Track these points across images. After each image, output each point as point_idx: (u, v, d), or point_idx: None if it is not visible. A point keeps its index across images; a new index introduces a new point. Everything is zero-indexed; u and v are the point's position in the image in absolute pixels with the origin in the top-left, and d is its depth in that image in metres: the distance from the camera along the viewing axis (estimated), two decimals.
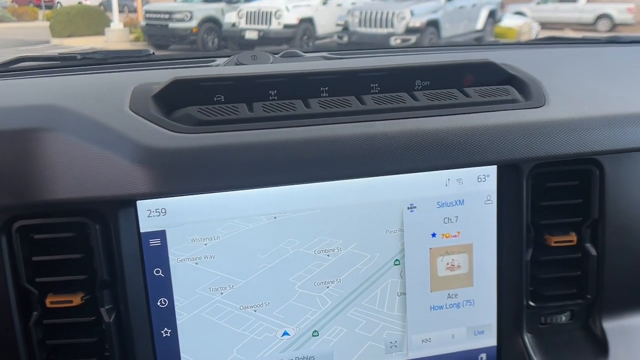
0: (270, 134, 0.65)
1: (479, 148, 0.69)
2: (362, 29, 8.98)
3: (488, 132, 0.69)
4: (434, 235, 0.74)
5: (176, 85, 0.68)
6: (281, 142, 0.64)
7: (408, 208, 0.72)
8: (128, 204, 0.64)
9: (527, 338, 0.77)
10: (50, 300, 0.64)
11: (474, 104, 0.72)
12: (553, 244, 0.75)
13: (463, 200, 0.73)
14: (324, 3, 10.12)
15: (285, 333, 0.72)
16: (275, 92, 0.72)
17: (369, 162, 0.66)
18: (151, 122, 0.64)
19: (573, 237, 0.76)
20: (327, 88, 0.73)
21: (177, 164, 0.62)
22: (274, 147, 0.64)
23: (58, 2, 20.41)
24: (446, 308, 0.76)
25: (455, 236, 0.74)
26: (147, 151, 0.61)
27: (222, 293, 0.69)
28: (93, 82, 0.75)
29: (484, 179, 0.73)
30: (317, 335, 0.72)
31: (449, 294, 0.75)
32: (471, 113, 0.70)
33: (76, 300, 0.64)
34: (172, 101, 0.68)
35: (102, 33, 12.18)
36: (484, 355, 0.78)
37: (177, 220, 0.66)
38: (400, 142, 0.67)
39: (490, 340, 0.78)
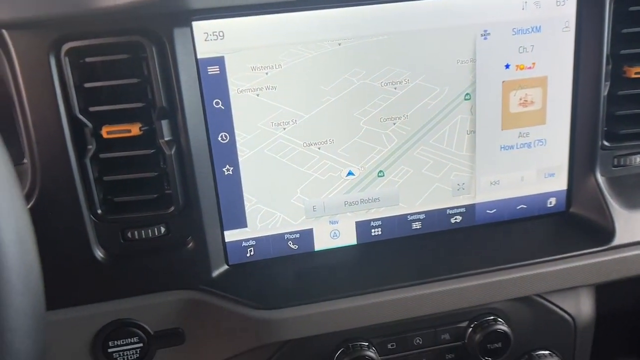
0: None
1: None
2: None
3: None
4: (507, 66, 0.68)
5: None
6: None
7: (481, 35, 0.66)
8: (183, 23, 0.59)
9: (600, 180, 0.73)
10: (107, 131, 0.60)
11: None
12: (633, 76, 0.70)
13: (540, 27, 0.67)
14: None
15: (350, 173, 0.68)
16: None
17: None
18: None
19: None
20: None
21: None
22: None
23: None
24: (517, 148, 0.71)
25: (530, 68, 0.69)
26: None
27: (284, 128, 0.65)
28: None
29: (562, 3, 0.67)
30: (383, 175, 0.69)
31: (520, 133, 0.71)
32: None
33: (134, 129, 0.60)
34: None
35: None
36: (553, 200, 0.75)
37: (236, 45, 0.61)
38: None
39: (560, 183, 0.74)
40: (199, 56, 0.61)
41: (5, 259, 0.36)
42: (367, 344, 0.69)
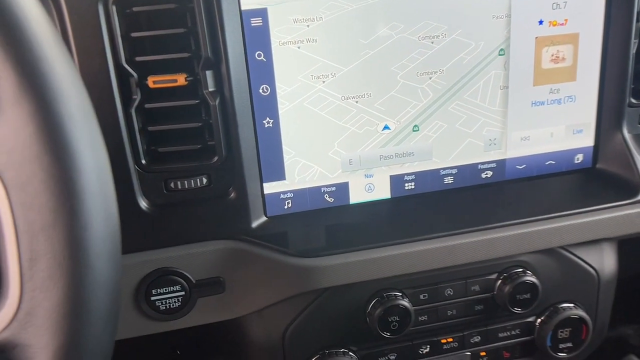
0: None
1: None
2: None
3: None
4: (540, 22, 0.69)
5: None
6: None
7: None
8: None
9: (627, 137, 0.75)
10: (154, 80, 0.61)
11: None
12: None
13: None
14: None
15: (386, 127, 0.69)
16: None
17: None
18: None
19: None
20: None
21: None
22: None
23: None
24: (547, 104, 0.73)
25: (562, 24, 0.70)
26: None
27: (323, 81, 0.66)
28: None
29: None
30: (418, 130, 0.70)
31: (551, 89, 0.73)
32: None
33: (180, 79, 0.61)
34: None
35: None
36: (580, 156, 0.77)
37: None
38: None
39: (587, 139, 0.76)
40: (242, 7, 0.62)
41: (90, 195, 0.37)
42: (400, 294, 0.71)
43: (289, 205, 0.70)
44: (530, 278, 0.72)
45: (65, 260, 0.36)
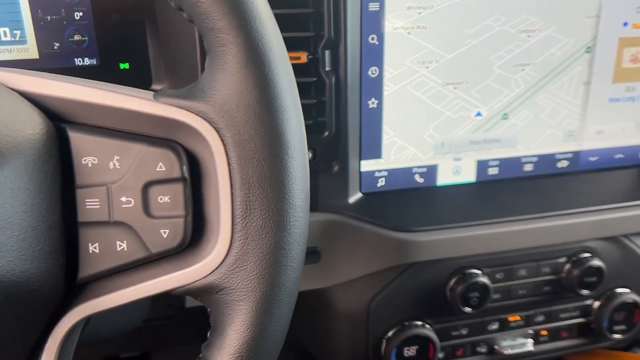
0: None
1: None
2: None
3: None
4: (625, 24, 0.74)
5: None
6: None
7: None
8: None
9: None
10: None
11: None
12: None
13: None
14: None
15: (479, 114, 0.74)
16: None
17: None
18: None
19: None
20: None
21: None
22: None
23: None
24: (623, 101, 0.78)
25: None
26: None
27: (427, 67, 0.70)
28: None
29: None
30: (507, 118, 0.75)
31: (627, 87, 0.77)
32: None
33: (303, 57, 0.64)
34: None
35: None
36: None
37: None
38: None
39: None
40: None
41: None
42: (480, 271, 0.75)
43: (382, 183, 0.74)
44: (597, 262, 0.78)
45: (277, 212, 0.39)
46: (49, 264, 0.37)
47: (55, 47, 0.71)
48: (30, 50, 0.70)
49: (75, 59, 0.72)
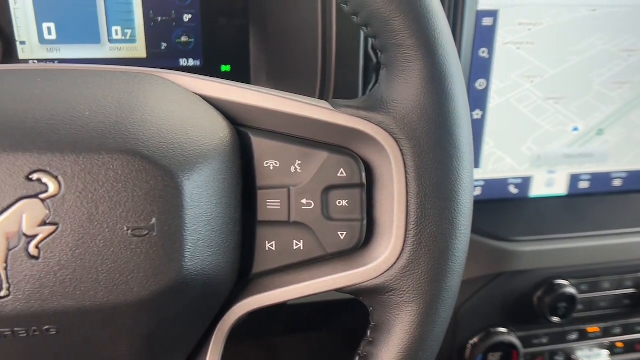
0: None
1: None
2: None
3: None
4: None
5: None
6: None
7: None
8: None
9: None
10: None
11: None
12: None
13: None
14: None
15: (576, 128, 0.75)
16: None
17: None
18: None
19: None
20: None
21: None
22: None
23: None
24: None
25: None
26: None
27: (532, 81, 0.72)
28: None
29: None
30: (602, 134, 0.76)
31: None
32: None
33: None
34: None
35: None
36: None
37: (512, 2, 0.68)
38: None
39: None
40: (478, 7, 0.67)
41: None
42: (567, 282, 0.77)
43: (479, 192, 0.76)
44: None
45: (451, 220, 0.41)
46: (232, 259, 0.40)
47: (163, 48, 0.73)
48: (139, 49, 0.72)
49: (181, 60, 0.74)
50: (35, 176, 0.32)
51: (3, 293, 0.32)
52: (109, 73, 0.39)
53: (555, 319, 0.76)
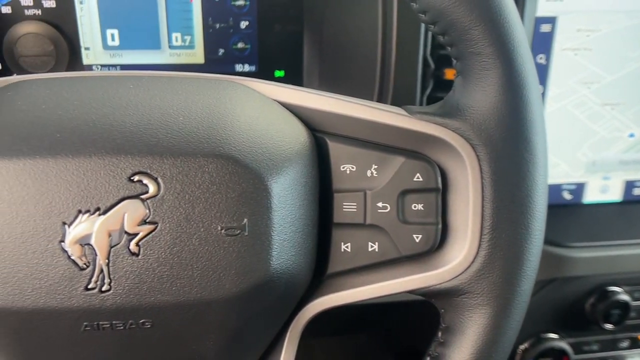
0: None
1: None
2: None
3: None
4: None
5: None
6: None
7: None
8: None
9: None
10: (453, 73, 0.66)
11: None
12: None
13: None
14: None
15: (632, 134, 0.75)
16: None
17: None
18: None
19: None
20: None
21: None
22: None
23: None
24: None
25: None
26: None
27: (589, 87, 0.72)
28: None
29: None
30: None
31: None
32: None
33: None
34: None
35: None
36: None
37: (571, 8, 0.68)
38: None
39: None
40: (537, 14, 0.67)
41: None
42: (620, 289, 0.77)
43: None
44: None
45: (526, 225, 0.42)
46: (310, 259, 0.41)
47: (220, 54, 0.75)
48: (197, 55, 0.74)
49: (237, 65, 0.76)
50: (136, 178, 0.34)
51: (105, 287, 0.34)
52: (194, 80, 0.41)
53: (608, 326, 0.75)
